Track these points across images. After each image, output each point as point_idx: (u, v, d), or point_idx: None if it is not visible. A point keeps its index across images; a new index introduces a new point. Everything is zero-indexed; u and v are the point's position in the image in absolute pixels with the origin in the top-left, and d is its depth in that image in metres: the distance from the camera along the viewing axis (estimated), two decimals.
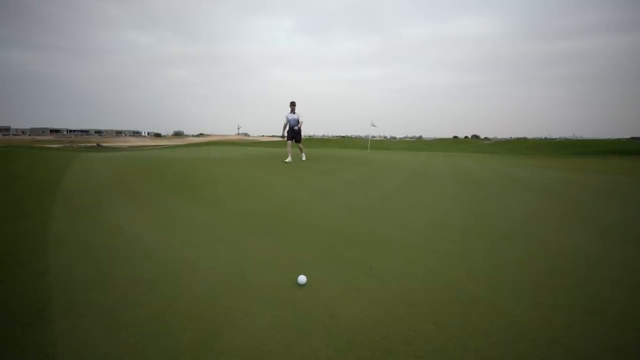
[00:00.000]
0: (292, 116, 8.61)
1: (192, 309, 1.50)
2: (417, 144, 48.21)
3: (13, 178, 5.30)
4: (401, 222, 3.26)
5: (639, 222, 3.54)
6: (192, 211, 3.48)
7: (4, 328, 1.28)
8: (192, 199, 4.06)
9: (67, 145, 39.27)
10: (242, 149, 16.73)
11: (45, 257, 2.03)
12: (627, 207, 4.48)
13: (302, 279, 1.77)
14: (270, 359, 1.19)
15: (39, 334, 1.24)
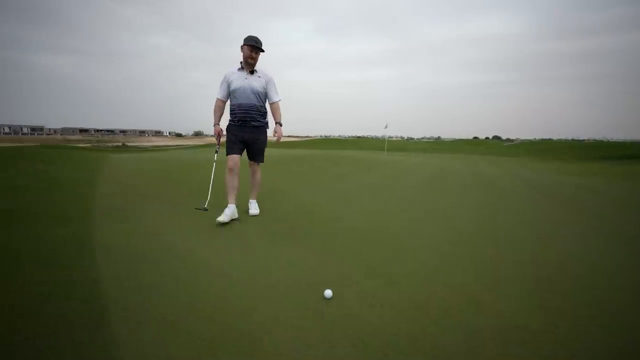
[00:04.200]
0: (243, 81, 3.39)
1: (231, 322, 1.63)
2: (435, 145, 47.30)
3: (50, 180, 5.71)
4: (414, 227, 3.33)
5: None
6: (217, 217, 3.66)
7: (75, 331, 1.48)
8: (215, 205, 4.27)
9: (95, 145, 41.13)
10: None
11: (96, 263, 2.24)
12: None
13: (328, 293, 1.90)
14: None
15: (105, 338, 1.43)
